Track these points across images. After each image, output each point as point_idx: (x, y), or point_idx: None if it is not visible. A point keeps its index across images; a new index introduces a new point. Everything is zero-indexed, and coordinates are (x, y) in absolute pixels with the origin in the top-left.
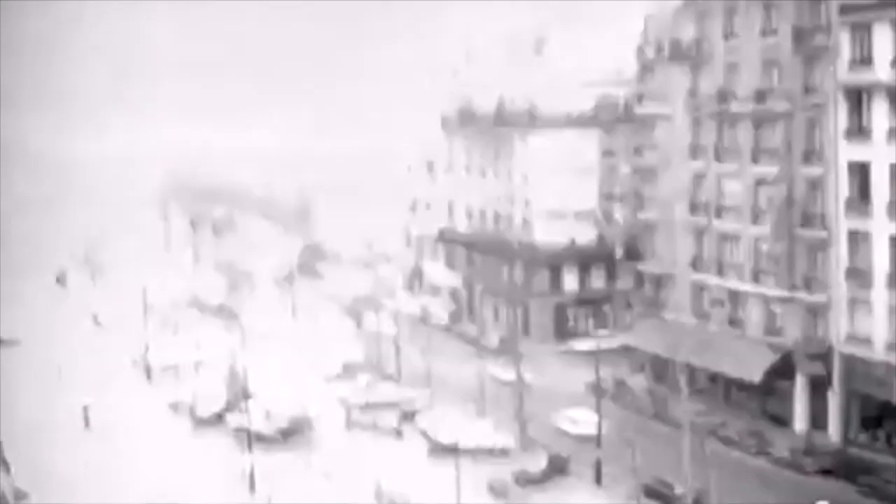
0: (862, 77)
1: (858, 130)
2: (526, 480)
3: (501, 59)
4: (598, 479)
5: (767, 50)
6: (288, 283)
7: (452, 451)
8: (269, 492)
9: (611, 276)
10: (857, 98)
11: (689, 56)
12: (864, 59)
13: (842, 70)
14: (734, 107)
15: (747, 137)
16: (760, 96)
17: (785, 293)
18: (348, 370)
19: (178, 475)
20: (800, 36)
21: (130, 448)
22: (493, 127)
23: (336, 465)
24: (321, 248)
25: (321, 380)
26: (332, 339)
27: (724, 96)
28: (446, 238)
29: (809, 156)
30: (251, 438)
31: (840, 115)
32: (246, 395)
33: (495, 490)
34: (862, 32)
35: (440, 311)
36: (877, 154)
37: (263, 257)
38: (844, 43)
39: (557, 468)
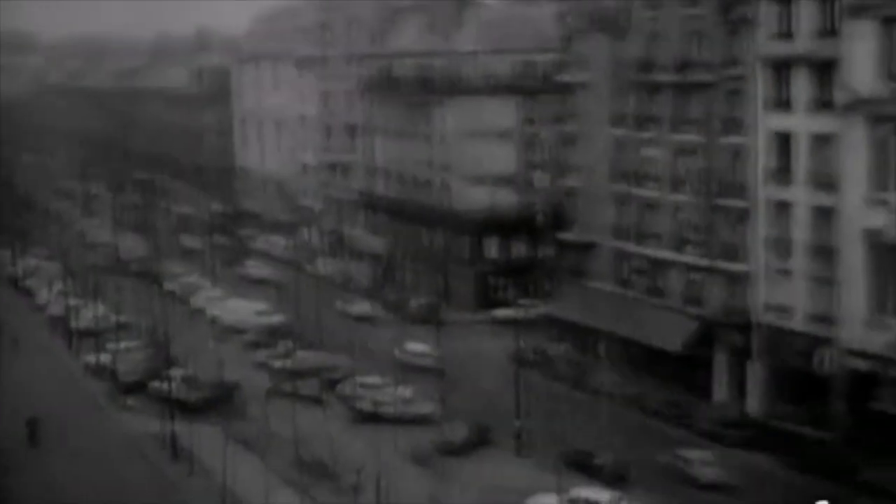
0: (783, 48)
1: (780, 101)
2: (447, 449)
3: (422, 25)
4: (518, 449)
5: (690, 20)
6: (208, 248)
7: (374, 418)
8: (191, 460)
9: (533, 244)
10: (779, 69)
11: (612, 25)
12: (786, 31)
13: (763, 41)
14: (656, 76)
15: (669, 107)
16: (682, 66)
17: (705, 262)
18: (269, 337)
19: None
20: (723, 7)
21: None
22: (414, 92)
23: (257, 432)
24: (243, 213)
25: (241, 347)
26: (251, 306)
27: (646, 66)
28: (367, 202)
29: (731, 126)
30: (173, 406)
31: (761, 86)
32: (168, 362)
33: (418, 458)
34: (784, 4)
35: (361, 276)
36: (798, 124)
37: (186, 222)
38: (767, 14)
39: (478, 438)
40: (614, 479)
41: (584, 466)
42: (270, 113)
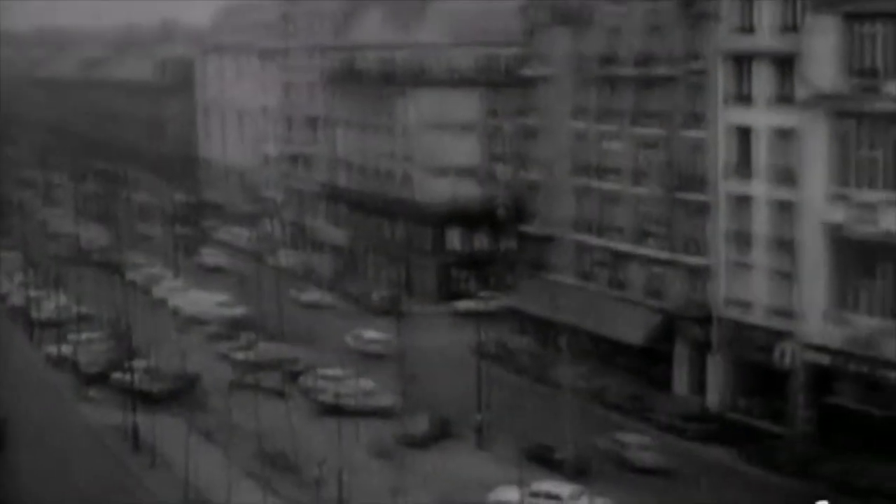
0: (745, 43)
1: (740, 96)
2: (408, 442)
3: (385, 17)
4: (480, 442)
5: (652, 14)
6: (171, 239)
7: (335, 410)
8: (153, 452)
9: (495, 236)
10: (740, 64)
11: (574, 19)
12: (747, 26)
13: (725, 36)
14: (618, 70)
15: (630, 101)
16: (644, 61)
17: (666, 255)
18: (231, 328)
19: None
20: (684, 1)
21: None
22: (377, 84)
23: (219, 425)
24: (206, 203)
25: (203, 338)
26: (213, 297)
27: (607, 60)
28: (329, 194)
29: (692, 120)
30: (135, 397)
31: (722, 81)
32: (130, 353)
33: (379, 451)
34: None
35: (323, 268)
36: (758, 119)
37: (148, 212)
38: (729, 9)
39: (440, 431)
40: (575, 473)
41: (545, 460)
42: (233, 104)
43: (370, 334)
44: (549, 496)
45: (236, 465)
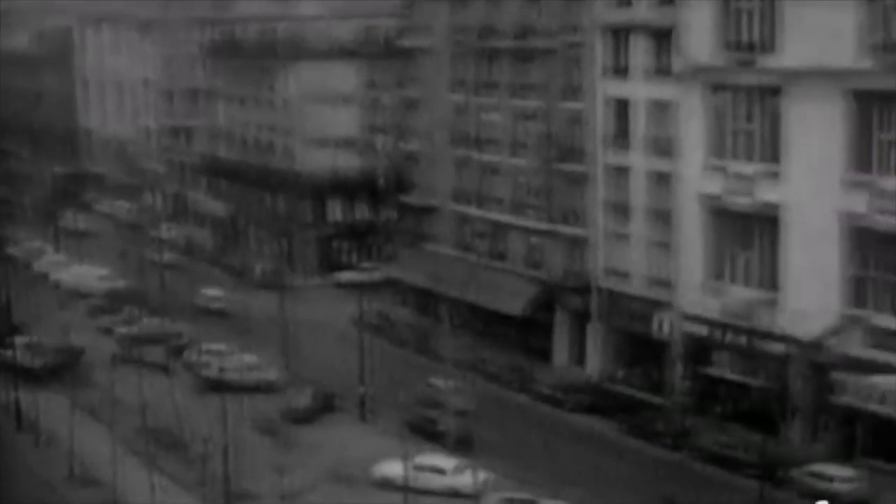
0: (622, 16)
1: (618, 68)
2: (292, 417)
3: None
4: (363, 415)
5: None
6: (51, 212)
7: (220, 386)
8: (37, 430)
9: (375, 207)
10: (618, 36)
11: None
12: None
13: (603, 9)
14: (496, 42)
15: (508, 72)
16: (522, 33)
17: (545, 226)
18: (113, 302)
19: None
20: None
21: None
22: (257, 56)
23: (102, 400)
24: (86, 175)
25: (86, 312)
26: (95, 270)
27: (486, 32)
28: (210, 167)
29: (570, 92)
30: (17, 374)
31: (600, 53)
32: (11, 329)
33: (264, 426)
34: None
35: (205, 241)
36: (635, 91)
37: (27, 185)
38: None
39: (323, 404)
40: (458, 444)
41: (428, 432)
42: (113, 75)
43: (212, 292)
44: (433, 469)
45: (121, 442)
